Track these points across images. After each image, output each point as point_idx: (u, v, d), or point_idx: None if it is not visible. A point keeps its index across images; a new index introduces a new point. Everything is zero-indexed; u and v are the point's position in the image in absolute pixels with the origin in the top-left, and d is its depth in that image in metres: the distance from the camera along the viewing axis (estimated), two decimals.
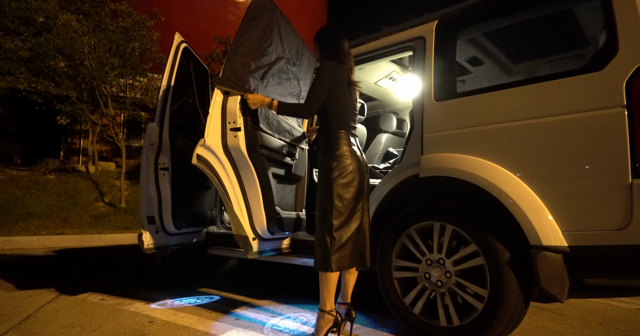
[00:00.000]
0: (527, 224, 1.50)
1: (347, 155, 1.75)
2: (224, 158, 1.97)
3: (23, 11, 7.52)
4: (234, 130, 1.97)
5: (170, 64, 2.66)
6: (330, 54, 1.89)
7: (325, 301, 1.73)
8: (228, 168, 1.98)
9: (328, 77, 1.79)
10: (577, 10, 1.82)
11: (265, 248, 2.15)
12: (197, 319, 2.10)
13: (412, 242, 1.89)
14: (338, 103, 1.82)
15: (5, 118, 10.64)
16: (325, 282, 1.71)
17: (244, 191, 2.03)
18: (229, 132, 1.98)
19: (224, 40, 10.67)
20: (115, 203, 7.99)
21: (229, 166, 1.98)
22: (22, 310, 2.26)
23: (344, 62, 1.87)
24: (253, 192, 2.03)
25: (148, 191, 2.56)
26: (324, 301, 1.73)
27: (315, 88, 1.80)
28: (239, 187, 2.01)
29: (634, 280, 1.44)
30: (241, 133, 1.98)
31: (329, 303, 1.73)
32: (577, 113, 1.48)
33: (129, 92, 8.84)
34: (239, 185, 2.01)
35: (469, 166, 1.69)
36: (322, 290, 1.73)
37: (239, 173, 2.02)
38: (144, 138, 3.08)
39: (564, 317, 2.25)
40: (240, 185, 2.02)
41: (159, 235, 2.60)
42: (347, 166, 1.73)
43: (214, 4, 14.58)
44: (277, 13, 2.22)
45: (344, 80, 1.83)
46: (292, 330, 1.94)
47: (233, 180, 1.99)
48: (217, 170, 1.91)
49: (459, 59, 2.16)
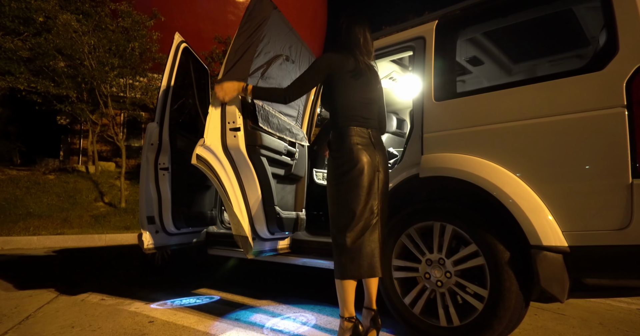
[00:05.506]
0: (527, 224, 1.50)
1: (352, 152, 1.61)
2: (224, 158, 1.97)
3: (23, 11, 7.52)
4: (234, 130, 1.97)
5: (170, 63, 2.66)
6: (339, 43, 1.79)
7: (342, 308, 1.64)
8: (228, 168, 1.98)
9: (318, 67, 1.71)
10: (577, 10, 1.82)
11: (265, 248, 2.15)
12: (197, 319, 2.10)
13: (412, 241, 1.89)
14: (344, 97, 1.70)
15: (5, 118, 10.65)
16: (339, 289, 1.62)
17: (244, 191, 2.02)
18: (228, 132, 1.98)
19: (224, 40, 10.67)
20: (115, 203, 7.99)
21: (228, 166, 1.98)
22: (22, 310, 2.26)
23: (351, 51, 1.75)
24: (253, 192, 2.03)
25: (148, 191, 2.56)
26: (342, 308, 1.64)
27: (302, 77, 1.72)
28: (239, 187, 2.01)
29: (634, 280, 1.44)
30: (241, 133, 1.97)
31: (347, 310, 1.62)
32: (577, 113, 1.48)
33: (129, 92, 8.85)
34: (239, 185, 2.01)
35: (469, 166, 1.69)
36: (339, 297, 1.64)
37: (238, 173, 2.02)
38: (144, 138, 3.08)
39: (564, 317, 2.25)
40: (239, 185, 2.02)
41: (159, 235, 2.60)
42: (353, 163, 1.59)
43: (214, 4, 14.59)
44: (275, 12, 2.23)
45: (346, 71, 1.70)
46: (292, 330, 1.94)
47: (233, 180, 1.99)
48: (216, 170, 1.90)
49: (459, 58, 2.16)
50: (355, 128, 1.66)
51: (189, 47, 2.86)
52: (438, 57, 1.98)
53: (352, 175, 1.59)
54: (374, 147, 1.68)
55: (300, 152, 2.54)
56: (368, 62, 1.78)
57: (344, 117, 1.68)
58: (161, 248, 2.63)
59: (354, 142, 1.63)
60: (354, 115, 1.69)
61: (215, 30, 12.18)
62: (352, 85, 1.71)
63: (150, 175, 2.59)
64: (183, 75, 2.87)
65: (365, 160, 1.61)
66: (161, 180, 2.62)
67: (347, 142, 1.63)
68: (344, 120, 1.68)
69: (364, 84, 1.74)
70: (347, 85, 1.70)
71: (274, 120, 2.23)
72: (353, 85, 1.71)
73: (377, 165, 1.65)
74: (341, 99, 1.70)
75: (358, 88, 1.72)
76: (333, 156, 1.67)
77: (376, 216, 1.63)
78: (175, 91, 2.69)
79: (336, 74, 1.71)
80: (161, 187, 2.61)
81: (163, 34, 8.76)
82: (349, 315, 1.62)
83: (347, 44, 1.76)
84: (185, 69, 2.92)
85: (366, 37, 1.78)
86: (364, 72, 1.74)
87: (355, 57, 1.74)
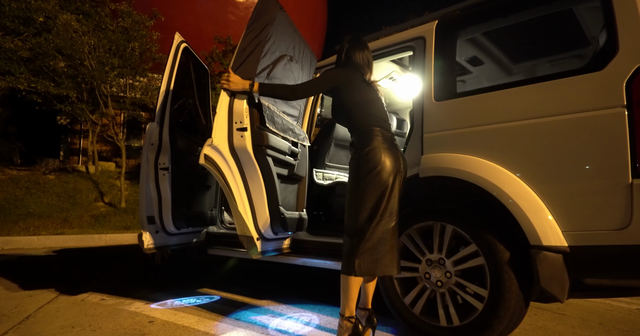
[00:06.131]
0: (527, 224, 1.50)
1: (379, 151, 1.62)
2: (230, 158, 1.97)
3: (23, 11, 7.52)
4: (241, 130, 1.97)
5: (170, 64, 2.66)
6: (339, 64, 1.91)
7: (344, 306, 1.63)
8: (234, 168, 1.98)
9: (332, 76, 1.79)
10: (577, 10, 1.82)
11: (268, 248, 2.15)
12: (197, 319, 2.10)
13: (412, 241, 1.89)
14: (360, 100, 1.75)
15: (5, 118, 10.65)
16: (345, 286, 1.60)
17: (249, 191, 2.03)
18: (235, 132, 1.98)
19: (224, 40, 10.67)
20: (115, 203, 7.99)
21: (234, 166, 1.98)
22: (22, 310, 2.26)
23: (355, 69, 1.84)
24: (257, 192, 2.03)
25: (148, 191, 2.56)
26: (343, 306, 1.63)
27: (312, 81, 1.84)
28: (244, 187, 2.01)
29: (634, 280, 1.44)
30: (248, 133, 1.98)
31: (348, 308, 1.62)
32: (577, 113, 1.48)
33: (129, 92, 8.85)
34: (244, 185, 2.01)
35: (469, 166, 1.69)
36: (342, 295, 1.63)
37: (244, 173, 2.02)
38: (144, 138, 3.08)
39: (564, 317, 2.25)
40: (245, 185, 2.02)
41: (159, 235, 2.60)
42: (377, 163, 1.60)
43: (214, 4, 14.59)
44: (281, 13, 2.23)
45: (356, 79, 1.78)
46: (293, 330, 1.94)
47: (238, 180, 1.99)
48: (223, 170, 1.90)
49: (459, 58, 2.16)
50: (379, 129, 1.68)
51: (189, 47, 2.86)
52: (438, 57, 1.98)
53: (377, 174, 1.59)
54: (397, 148, 1.71)
55: (302, 152, 2.55)
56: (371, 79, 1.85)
57: (366, 118, 1.71)
58: (161, 248, 2.63)
59: (380, 142, 1.65)
60: (376, 116, 1.73)
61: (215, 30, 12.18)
62: (367, 91, 1.78)
63: (151, 175, 2.59)
64: (183, 75, 2.87)
65: (389, 161, 1.62)
66: (161, 180, 2.62)
67: (373, 142, 1.64)
68: (366, 121, 1.71)
69: (374, 90, 1.82)
70: (362, 90, 1.77)
71: (279, 120, 2.23)
72: (367, 91, 1.78)
73: (400, 166, 1.66)
74: (360, 102, 1.75)
75: (373, 94, 1.80)
76: (359, 155, 1.66)
77: (395, 216, 1.63)
78: (175, 91, 2.69)
79: (344, 83, 1.77)
80: (161, 187, 2.61)
81: (163, 34, 8.77)
82: (349, 314, 1.62)
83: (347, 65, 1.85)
84: (186, 69, 2.92)
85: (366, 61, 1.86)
86: (370, 80, 1.82)
87: (362, 71, 1.83)
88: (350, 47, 1.87)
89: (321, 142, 3.22)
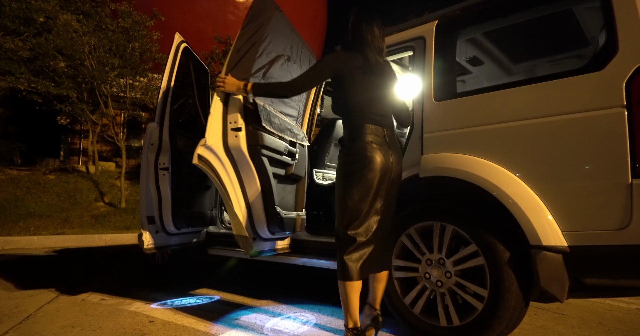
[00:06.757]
0: (527, 224, 1.50)
1: (366, 150, 1.55)
2: (225, 158, 1.97)
3: (23, 11, 7.52)
4: (235, 130, 1.97)
5: (170, 64, 2.66)
6: (346, 42, 1.73)
7: (346, 317, 1.54)
8: (229, 168, 1.98)
9: (324, 65, 1.66)
10: (577, 10, 1.82)
11: (266, 248, 2.15)
12: (197, 319, 2.10)
13: (412, 241, 1.89)
14: (355, 94, 1.63)
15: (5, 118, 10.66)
16: (343, 293, 1.52)
17: (245, 191, 2.03)
18: (230, 132, 1.98)
19: (224, 40, 10.68)
20: (115, 203, 8.00)
21: (229, 166, 1.98)
22: (23, 310, 2.26)
23: (359, 50, 1.67)
24: (253, 192, 2.03)
25: (148, 191, 2.56)
26: (345, 316, 1.55)
27: (307, 73, 1.69)
28: (240, 187, 2.01)
29: (634, 280, 1.44)
30: (242, 133, 1.97)
31: (351, 318, 1.53)
32: (577, 113, 1.48)
33: (129, 92, 8.85)
34: (240, 185, 2.01)
35: (469, 166, 1.69)
36: (342, 303, 1.55)
37: (239, 173, 2.02)
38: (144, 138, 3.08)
39: (564, 317, 2.25)
40: (240, 185, 2.02)
41: (159, 235, 2.60)
42: (364, 161, 1.54)
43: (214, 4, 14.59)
44: (278, 13, 2.23)
45: (355, 68, 1.64)
46: (293, 330, 1.94)
47: (234, 180, 1.99)
48: (217, 170, 1.90)
49: (459, 58, 2.16)
50: (371, 126, 1.59)
51: (189, 47, 2.86)
52: (438, 57, 1.98)
53: (363, 173, 1.54)
54: (389, 146, 1.62)
55: (300, 152, 2.55)
56: (379, 59, 1.70)
57: (358, 114, 1.62)
58: (161, 248, 2.64)
59: (369, 140, 1.57)
60: (368, 112, 1.62)
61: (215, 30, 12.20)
62: (363, 82, 1.65)
63: (151, 175, 2.59)
64: (183, 75, 2.88)
65: (378, 160, 1.55)
66: (161, 180, 2.62)
67: (361, 139, 1.57)
68: (358, 117, 1.62)
69: (375, 80, 1.67)
70: (357, 82, 1.64)
71: (275, 120, 2.23)
72: (363, 82, 1.65)
73: (391, 165, 1.60)
74: (353, 97, 1.64)
75: (370, 85, 1.66)
76: (345, 153, 1.61)
77: (385, 217, 1.61)
78: (175, 91, 2.69)
79: (344, 72, 1.65)
80: (161, 187, 2.61)
81: (163, 34, 8.78)
82: (353, 324, 1.54)
83: (355, 43, 1.69)
84: (186, 69, 2.93)
85: (374, 34, 1.68)
86: (374, 68, 1.67)
87: (364, 54, 1.66)
88: (355, 20, 1.69)
89: (321, 142, 3.22)
